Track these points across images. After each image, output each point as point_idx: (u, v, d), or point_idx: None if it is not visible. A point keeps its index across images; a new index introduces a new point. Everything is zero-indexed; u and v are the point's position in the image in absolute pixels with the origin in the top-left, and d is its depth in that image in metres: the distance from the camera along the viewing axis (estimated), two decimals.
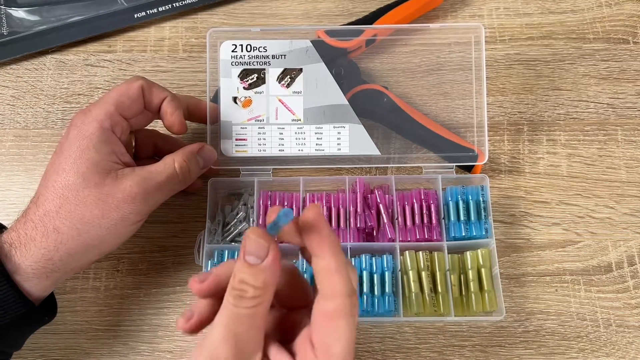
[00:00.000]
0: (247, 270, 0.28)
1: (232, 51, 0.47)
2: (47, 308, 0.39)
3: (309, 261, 0.31)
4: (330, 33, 0.49)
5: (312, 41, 0.48)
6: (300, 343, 0.29)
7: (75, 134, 0.38)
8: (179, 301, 0.45)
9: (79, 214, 0.36)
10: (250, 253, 0.28)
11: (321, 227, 0.28)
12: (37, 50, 0.53)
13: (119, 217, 0.37)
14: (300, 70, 0.47)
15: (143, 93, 0.40)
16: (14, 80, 0.52)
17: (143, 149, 0.45)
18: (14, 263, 0.35)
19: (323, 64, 0.47)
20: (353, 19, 0.53)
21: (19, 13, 0.54)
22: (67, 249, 0.36)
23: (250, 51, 0.47)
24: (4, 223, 0.47)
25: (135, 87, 0.40)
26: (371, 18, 0.51)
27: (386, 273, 0.43)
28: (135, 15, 0.54)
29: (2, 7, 0.54)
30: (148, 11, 0.54)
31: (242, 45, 0.47)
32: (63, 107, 0.51)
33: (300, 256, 0.44)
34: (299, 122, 0.47)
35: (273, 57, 0.47)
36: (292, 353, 0.30)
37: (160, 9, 0.54)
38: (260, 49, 0.47)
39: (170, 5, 0.54)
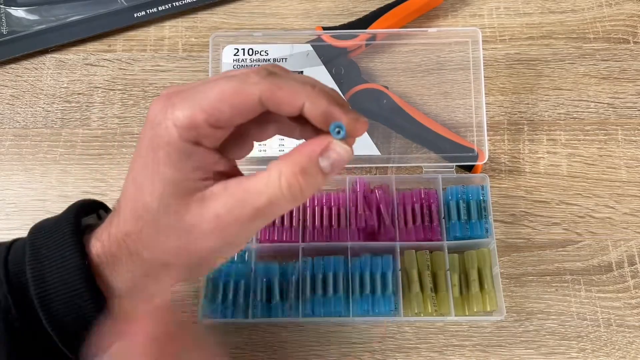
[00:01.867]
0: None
1: (234, 55, 0.48)
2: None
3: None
4: (330, 33, 0.49)
5: (312, 43, 0.48)
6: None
7: (150, 137, 0.28)
8: (179, 300, 0.45)
9: (161, 243, 0.29)
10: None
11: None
12: (36, 50, 0.53)
13: (207, 250, 0.29)
14: (301, 73, 0.47)
15: (262, 102, 0.28)
16: (13, 79, 0.52)
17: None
18: (104, 279, 0.30)
19: (323, 66, 0.48)
20: (353, 18, 0.53)
21: (18, 12, 0.54)
22: (153, 277, 0.30)
23: (252, 55, 0.48)
24: (4, 223, 0.47)
25: (249, 98, 0.27)
26: (371, 18, 0.51)
27: (386, 273, 0.43)
28: (135, 15, 0.54)
29: (1, 6, 0.54)
30: (148, 10, 0.54)
31: (244, 49, 0.48)
32: (63, 107, 0.51)
33: (300, 256, 0.44)
34: None
35: (274, 60, 0.48)
36: None
37: (160, 8, 0.54)
38: (262, 53, 0.48)
39: (170, 5, 0.54)
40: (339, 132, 0.26)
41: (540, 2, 0.55)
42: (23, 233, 0.32)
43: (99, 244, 0.30)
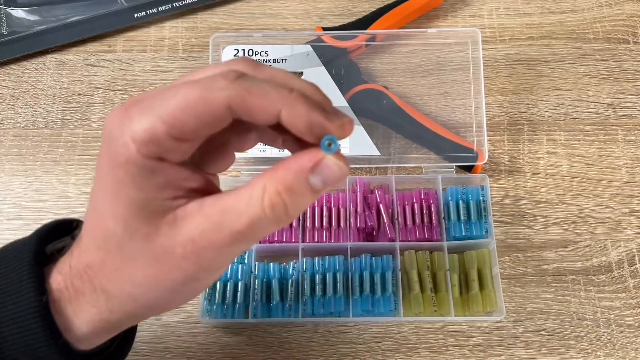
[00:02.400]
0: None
1: (234, 55, 0.48)
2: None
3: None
4: (330, 34, 0.49)
5: (313, 44, 0.48)
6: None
7: (107, 155, 0.25)
8: None
9: (129, 273, 0.25)
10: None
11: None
12: (37, 50, 0.53)
13: (182, 278, 0.25)
14: (301, 73, 0.47)
15: (231, 110, 0.24)
16: (13, 80, 0.52)
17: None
18: (66, 318, 0.26)
19: (323, 67, 0.48)
20: (353, 18, 0.53)
21: (18, 13, 0.54)
22: (123, 312, 0.27)
23: (252, 55, 0.48)
24: (4, 224, 0.47)
25: (215, 106, 0.23)
26: (371, 18, 0.51)
27: (386, 273, 0.43)
28: (135, 15, 0.54)
29: (1, 6, 0.54)
30: (148, 11, 0.54)
31: (244, 50, 0.48)
32: (63, 107, 0.51)
33: (300, 256, 0.44)
34: None
35: (274, 61, 0.48)
36: None
37: (160, 8, 0.54)
38: (262, 54, 0.48)
39: (170, 5, 0.54)
40: (330, 145, 0.24)
41: (540, 3, 0.55)
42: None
43: (60, 277, 0.26)
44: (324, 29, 0.51)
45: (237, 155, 0.30)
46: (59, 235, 0.29)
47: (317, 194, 0.25)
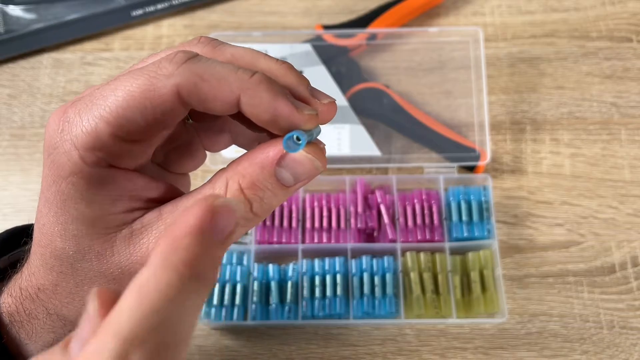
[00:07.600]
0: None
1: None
2: None
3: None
4: (330, 32, 0.49)
5: (313, 41, 0.48)
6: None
7: (49, 167, 0.22)
8: None
9: (84, 298, 0.23)
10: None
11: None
12: (33, 49, 0.52)
13: None
14: (301, 72, 0.47)
15: (182, 100, 0.20)
16: (10, 79, 0.52)
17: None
18: (18, 342, 0.24)
19: (323, 66, 0.47)
20: (354, 16, 0.52)
21: (15, 11, 0.53)
22: None
23: None
24: (1, 224, 0.46)
25: (163, 97, 0.20)
26: (371, 16, 0.51)
27: (387, 274, 0.43)
28: (132, 13, 0.53)
29: None
30: (145, 9, 0.53)
31: None
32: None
33: (299, 257, 0.43)
34: None
35: None
36: None
37: (157, 6, 0.53)
38: None
39: (167, 3, 0.53)
40: (298, 140, 0.20)
41: (543, 0, 0.54)
42: None
43: (11, 299, 0.24)
44: (324, 27, 0.50)
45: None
46: (16, 244, 0.27)
47: (289, 190, 0.22)
